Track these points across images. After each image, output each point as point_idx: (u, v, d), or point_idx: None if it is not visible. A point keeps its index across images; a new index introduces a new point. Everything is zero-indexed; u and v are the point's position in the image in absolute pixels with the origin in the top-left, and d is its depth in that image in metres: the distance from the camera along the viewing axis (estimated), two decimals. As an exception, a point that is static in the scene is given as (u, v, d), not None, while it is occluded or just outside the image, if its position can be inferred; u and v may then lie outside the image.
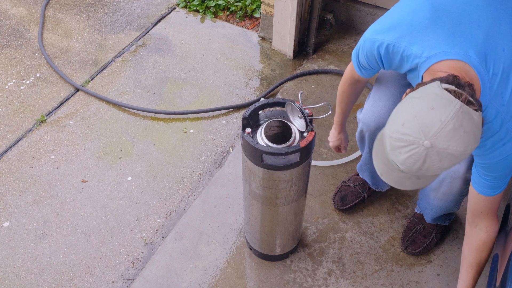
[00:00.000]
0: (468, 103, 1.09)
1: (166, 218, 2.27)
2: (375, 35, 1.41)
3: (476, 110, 1.10)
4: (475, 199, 1.51)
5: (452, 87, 1.11)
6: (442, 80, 1.13)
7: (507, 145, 1.32)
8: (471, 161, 1.63)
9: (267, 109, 1.69)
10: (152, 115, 2.72)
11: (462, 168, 1.69)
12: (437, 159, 1.09)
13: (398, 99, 1.74)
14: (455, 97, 1.08)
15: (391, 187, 2.28)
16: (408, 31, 1.33)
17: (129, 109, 2.75)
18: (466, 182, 1.73)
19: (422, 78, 1.33)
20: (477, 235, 1.54)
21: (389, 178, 1.23)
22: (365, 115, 1.86)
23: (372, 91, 1.87)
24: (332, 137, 2.02)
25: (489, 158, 1.37)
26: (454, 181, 1.75)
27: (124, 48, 3.12)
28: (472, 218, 1.55)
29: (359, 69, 1.60)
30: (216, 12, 3.37)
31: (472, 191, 1.50)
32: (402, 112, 1.13)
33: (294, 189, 1.72)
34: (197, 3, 3.40)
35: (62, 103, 2.79)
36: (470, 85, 1.14)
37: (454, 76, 1.14)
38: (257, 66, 3.00)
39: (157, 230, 2.22)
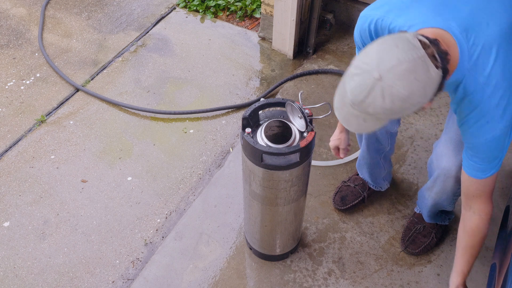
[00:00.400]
0: (433, 58, 1.12)
1: (166, 218, 2.27)
2: (367, 11, 1.49)
3: (437, 68, 1.12)
4: (467, 182, 1.52)
5: (424, 39, 1.14)
6: (423, 36, 1.17)
7: (491, 124, 1.34)
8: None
9: (267, 109, 1.69)
10: (152, 115, 2.72)
11: (454, 167, 1.71)
12: (380, 95, 1.11)
13: None
14: (423, 47, 1.12)
15: (390, 186, 2.29)
16: (396, 5, 1.40)
17: (129, 109, 2.75)
18: (459, 181, 1.73)
19: None
20: (470, 218, 1.55)
21: (340, 113, 1.25)
22: None
23: None
24: (333, 136, 2.03)
25: (474, 136, 1.39)
26: (447, 180, 1.77)
27: (124, 48, 3.12)
28: (465, 201, 1.56)
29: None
30: (216, 12, 3.37)
31: (464, 174, 1.52)
32: (373, 44, 1.18)
33: (294, 189, 1.72)
34: (197, 3, 3.40)
35: (62, 103, 2.79)
36: (446, 54, 1.17)
37: (436, 39, 1.18)
38: (257, 66, 3.00)
39: (157, 230, 2.22)
